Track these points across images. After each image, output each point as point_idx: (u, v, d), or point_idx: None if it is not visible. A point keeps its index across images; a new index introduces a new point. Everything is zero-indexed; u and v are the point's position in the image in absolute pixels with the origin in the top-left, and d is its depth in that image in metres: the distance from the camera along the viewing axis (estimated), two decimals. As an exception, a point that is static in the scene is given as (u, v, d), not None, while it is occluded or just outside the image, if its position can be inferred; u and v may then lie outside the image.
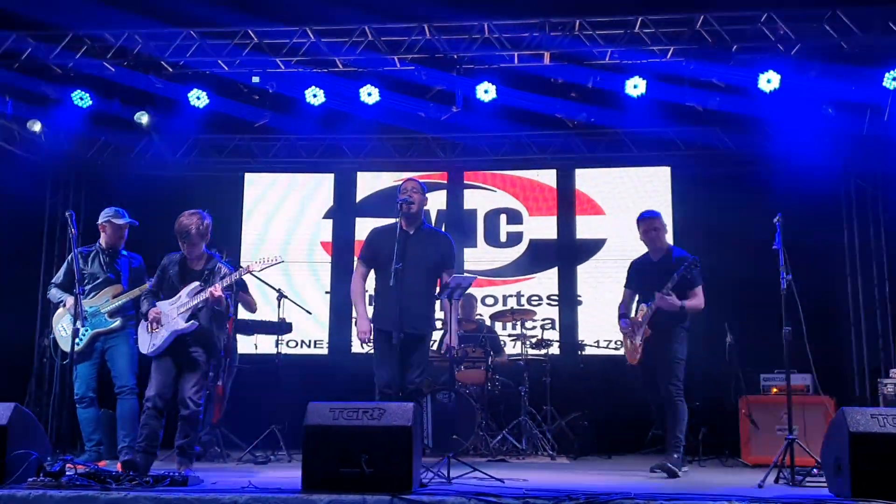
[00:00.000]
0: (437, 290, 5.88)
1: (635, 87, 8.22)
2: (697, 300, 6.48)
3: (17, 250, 9.86)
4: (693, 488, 4.82)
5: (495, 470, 5.88)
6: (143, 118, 8.99)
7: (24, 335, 9.90)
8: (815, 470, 5.45)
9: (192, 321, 5.86)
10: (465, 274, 8.56)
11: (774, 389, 7.59)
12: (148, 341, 5.93)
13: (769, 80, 7.97)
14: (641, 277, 6.76)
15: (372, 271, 6.16)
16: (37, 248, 10.30)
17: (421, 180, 6.11)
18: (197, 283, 5.91)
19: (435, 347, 7.75)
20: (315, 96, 8.57)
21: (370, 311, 6.15)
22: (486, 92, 8.33)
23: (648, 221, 6.72)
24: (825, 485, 4.88)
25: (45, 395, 9.68)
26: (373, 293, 6.31)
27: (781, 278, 5.71)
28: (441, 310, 6.17)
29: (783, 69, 7.98)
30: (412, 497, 4.32)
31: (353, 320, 6.17)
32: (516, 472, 6.08)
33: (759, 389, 7.72)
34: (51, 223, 10.41)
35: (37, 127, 9.09)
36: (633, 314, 6.74)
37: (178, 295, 5.93)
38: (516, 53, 8.21)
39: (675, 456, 6.18)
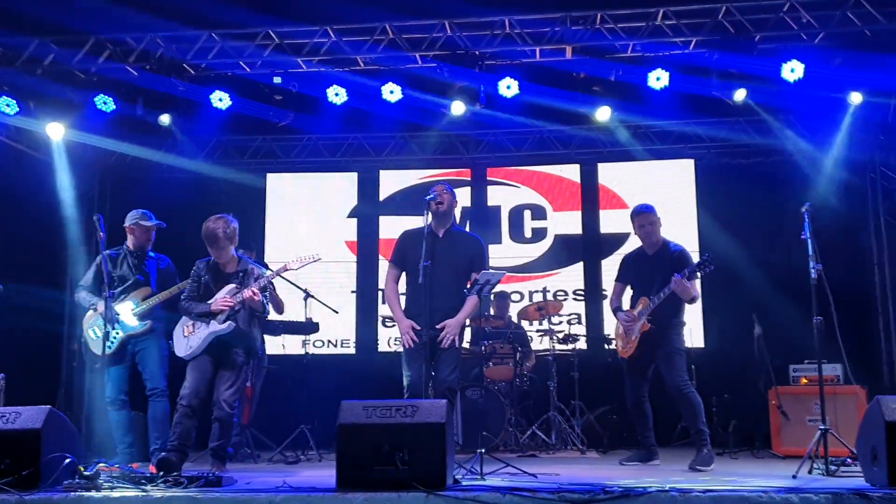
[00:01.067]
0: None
1: (658, 79, 8.16)
2: (697, 292, 6.46)
3: (43, 256, 9.92)
4: (727, 480, 4.78)
5: (526, 465, 5.85)
6: (165, 120, 9.01)
7: (51, 340, 9.98)
8: (848, 459, 5.40)
9: (229, 322, 5.87)
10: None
11: (804, 380, 7.53)
12: (185, 344, 5.97)
13: (793, 70, 7.88)
14: (636, 271, 6.70)
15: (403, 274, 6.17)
16: (62, 253, 10.36)
17: (446, 177, 6.06)
18: (233, 286, 5.94)
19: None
20: (337, 95, 8.57)
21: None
22: (508, 87, 8.29)
23: (644, 216, 6.63)
24: (860, 474, 4.84)
25: (75, 398, 9.75)
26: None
27: (811, 268, 5.64)
28: None
29: (807, 58, 7.89)
30: (447, 494, 4.31)
31: (381, 319, 6.18)
32: (548, 467, 6.06)
33: (789, 380, 7.66)
34: (76, 228, 10.48)
35: (60, 132, 9.11)
36: (628, 308, 6.67)
37: (213, 298, 5.96)
38: (538, 48, 8.16)
39: (705, 451, 6.14)
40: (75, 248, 10.36)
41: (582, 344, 9.03)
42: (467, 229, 9.30)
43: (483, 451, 5.31)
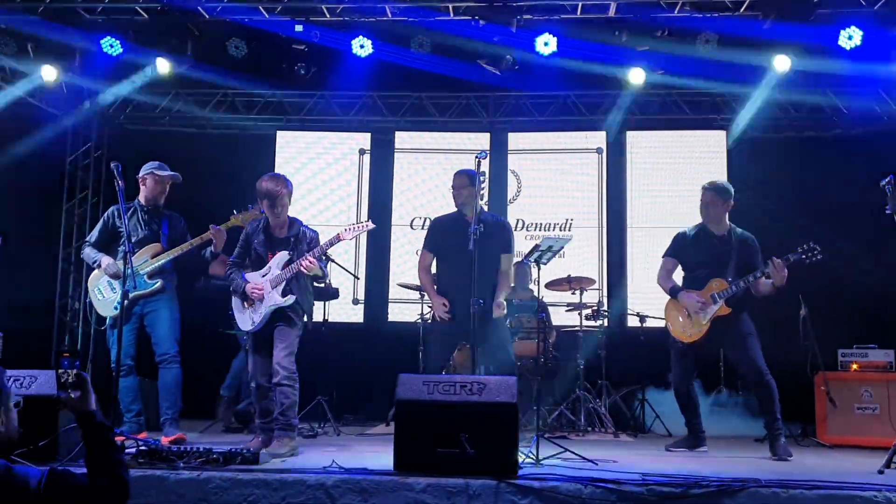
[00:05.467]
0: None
1: (707, 41, 7.68)
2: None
3: (35, 209, 9.36)
4: (816, 474, 4.37)
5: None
6: (164, 68, 8.38)
7: (43, 297, 9.43)
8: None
9: (289, 295, 5.59)
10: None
11: (854, 365, 7.15)
12: (247, 318, 5.67)
13: (850, 37, 7.44)
14: (700, 250, 6.21)
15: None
16: (56, 206, 9.80)
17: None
18: (285, 253, 5.65)
19: None
20: (363, 47, 8.01)
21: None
22: (546, 44, 7.76)
23: (730, 195, 6.24)
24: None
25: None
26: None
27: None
28: None
29: (865, 25, 7.45)
30: (521, 483, 3.88)
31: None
32: (595, 451, 5.61)
33: (837, 365, 7.28)
34: (70, 180, 9.92)
35: (54, 75, 8.50)
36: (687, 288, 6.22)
37: (267, 266, 5.66)
38: (580, 3, 7.65)
39: (783, 441, 5.78)
40: (69, 201, 9.82)
41: (606, 321, 8.60)
42: (486, 194, 8.96)
43: (542, 434, 4.87)
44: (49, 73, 8.46)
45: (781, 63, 8.07)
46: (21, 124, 8.89)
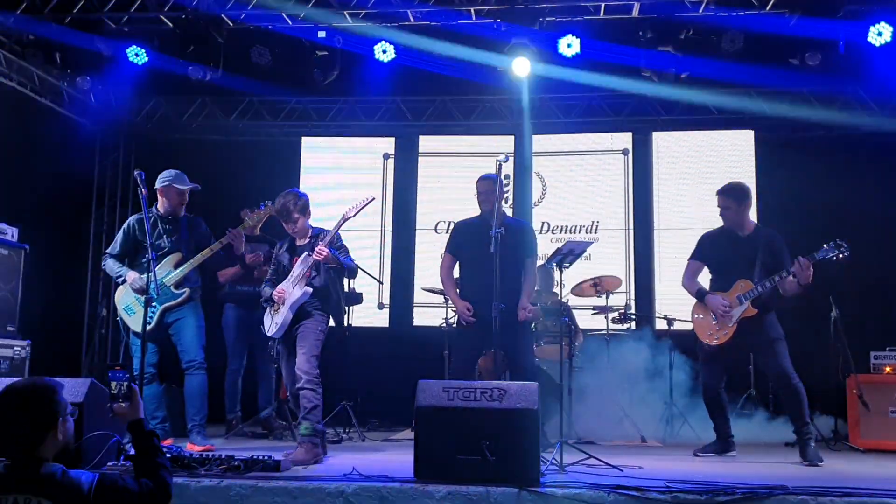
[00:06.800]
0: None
1: (732, 41, 7.58)
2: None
3: (64, 217, 9.45)
4: (847, 480, 4.27)
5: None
6: (202, 75, 8.44)
7: (71, 304, 9.52)
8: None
9: (304, 290, 5.59)
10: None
11: (888, 368, 7.00)
12: (271, 323, 5.69)
13: (880, 33, 7.32)
14: (724, 252, 6.11)
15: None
16: (85, 214, 9.89)
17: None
18: (305, 254, 5.67)
19: None
20: (385, 52, 8.01)
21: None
22: (569, 46, 7.73)
23: (744, 196, 6.14)
24: None
25: (97, 368, 9.28)
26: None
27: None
28: None
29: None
30: (543, 490, 3.83)
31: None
32: (622, 458, 5.54)
33: (869, 368, 7.14)
34: (99, 187, 10.02)
35: (87, 85, 8.62)
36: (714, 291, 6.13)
37: (292, 271, 5.70)
38: (603, 3, 7.59)
39: (813, 445, 5.67)
40: (97, 209, 9.91)
41: (633, 324, 8.52)
42: (511, 197, 8.99)
43: (566, 440, 4.82)
44: (83, 84, 8.62)
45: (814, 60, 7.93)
46: (50, 133, 8.99)
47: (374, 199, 5.93)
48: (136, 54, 8.13)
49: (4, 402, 2.74)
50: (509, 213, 8.28)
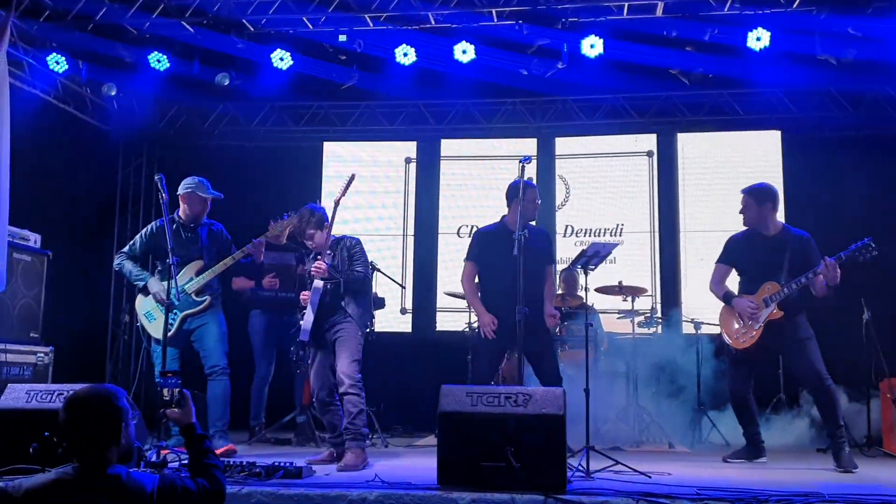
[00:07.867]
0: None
1: (758, 39, 7.46)
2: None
3: (87, 223, 9.47)
4: (883, 487, 4.15)
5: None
6: (224, 80, 8.43)
7: (96, 311, 9.54)
8: None
9: (317, 283, 5.61)
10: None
11: (922, 372, 6.85)
12: (302, 329, 5.68)
13: (910, 29, 7.17)
14: (752, 253, 6.01)
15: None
16: (108, 220, 9.91)
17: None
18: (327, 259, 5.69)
19: None
20: (406, 55, 7.96)
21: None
22: (592, 46, 7.63)
23: (767, 197, 6.03)
24: None
25: (120, 374, 9.29)
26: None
27: None
28: None
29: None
30: (570, 497, 3.74)
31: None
32: (650, 464, 5.44)
33: (902, 372, 6.98)
34: (122, 194, 10.04)
35: (112, 92, 8.64)
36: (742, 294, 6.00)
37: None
38: (626, 4, 7.49)
39: (847, 451, 5.53)
40: (121, 215, 9.92)
41: (659, 328, 8.39)
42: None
43: (593, 446, 4.72)
44: (111, 90, 8.66)
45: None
46: (72, 141, 9.03)
47: (353, 175, 5.87)
48: (158, 60, 8.15)
49: (72, 410, 2.85)
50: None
